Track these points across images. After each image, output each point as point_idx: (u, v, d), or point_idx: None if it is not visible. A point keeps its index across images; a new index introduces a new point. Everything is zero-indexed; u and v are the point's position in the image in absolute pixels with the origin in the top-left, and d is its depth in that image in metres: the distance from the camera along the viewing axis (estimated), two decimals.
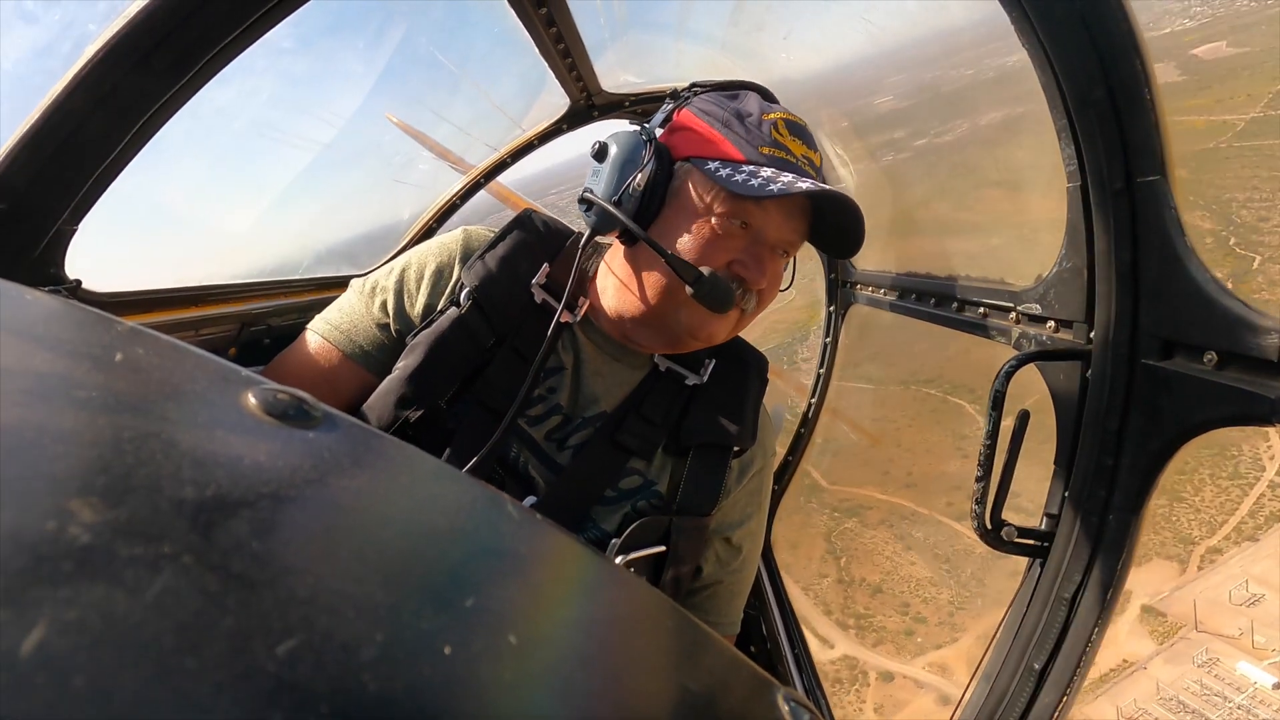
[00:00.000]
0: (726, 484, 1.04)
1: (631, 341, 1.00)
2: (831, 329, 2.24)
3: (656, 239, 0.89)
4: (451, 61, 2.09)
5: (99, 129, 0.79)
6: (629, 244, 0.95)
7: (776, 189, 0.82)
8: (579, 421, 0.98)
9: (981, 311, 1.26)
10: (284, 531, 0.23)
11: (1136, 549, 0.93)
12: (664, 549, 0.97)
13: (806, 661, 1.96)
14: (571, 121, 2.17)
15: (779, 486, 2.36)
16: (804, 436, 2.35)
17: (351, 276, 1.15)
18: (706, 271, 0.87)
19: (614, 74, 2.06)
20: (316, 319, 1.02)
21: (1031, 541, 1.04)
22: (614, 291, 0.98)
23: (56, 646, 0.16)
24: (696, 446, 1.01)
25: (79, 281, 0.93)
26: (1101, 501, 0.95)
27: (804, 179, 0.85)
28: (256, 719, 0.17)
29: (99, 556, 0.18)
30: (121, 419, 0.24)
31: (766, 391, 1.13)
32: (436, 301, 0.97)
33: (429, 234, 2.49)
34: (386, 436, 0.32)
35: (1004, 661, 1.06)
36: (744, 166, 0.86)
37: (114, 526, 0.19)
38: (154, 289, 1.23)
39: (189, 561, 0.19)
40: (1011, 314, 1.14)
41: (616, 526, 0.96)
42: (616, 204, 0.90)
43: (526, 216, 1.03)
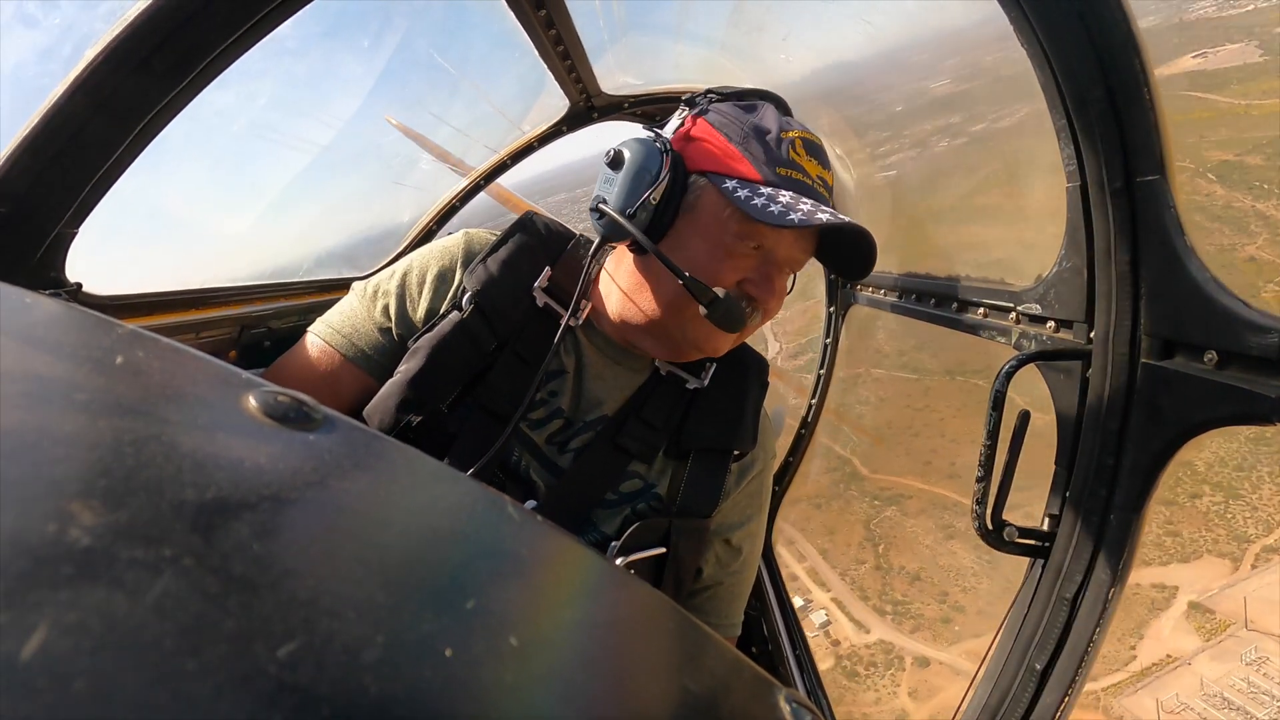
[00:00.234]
0: (726, 486, 1.04)
1: (633, 346, 1.00)
2: (831, 329, 2.24)
3: (668, 251, 0.89)
4: (451, 64, 2.09)
5: (99, 132, 0.79)
6: (638, 253, 0.94)
7: (797, 219, 0.81)
8: (580, 425, 0.98)
9: (981, 312, 1.26)
10: (285, 534, 0.23)
11: (1138, 549, 0.93)
12: (664, 550, 0.97)
13: (808, 662, 1.95)
14: (571, 123, 2.17)
15: (779, 488, 2.36)
16: (804, 437, 2.35)
17: (352, 279, 1.15)
18: (721, 294, 0.87)
19: (613, 76, 2.06)
20: (318, 322, 1.02)
21: (1032, 541, 1.04)
22: (619, 298, 0.98)
23: (57, 649, 0.16)
24: (697, 450, 1.01)
25: (80, 285, 0.93)
26: (1102, 501, 0.95)
27: (822, 206, 0.85)
28: None
29: (100, 559, 0.18)
30: (122, 422, 0.24)
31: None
32: (439, 305, 0.97)
33: (429, 236, 2.49)
34: (386, 438, 0.32)
35: (1005, 662, 1.06)
36: (762, 189, 0.85)
37: (115, 529, 0.19)
38: (154, 292, 1.23)
39: (190, 564, 0.19)
40: (1011, 314, 1.14)
41: (617, 529, 0.96)
42: (630, 215, 0.89)
43: (528, 219, 1.03)
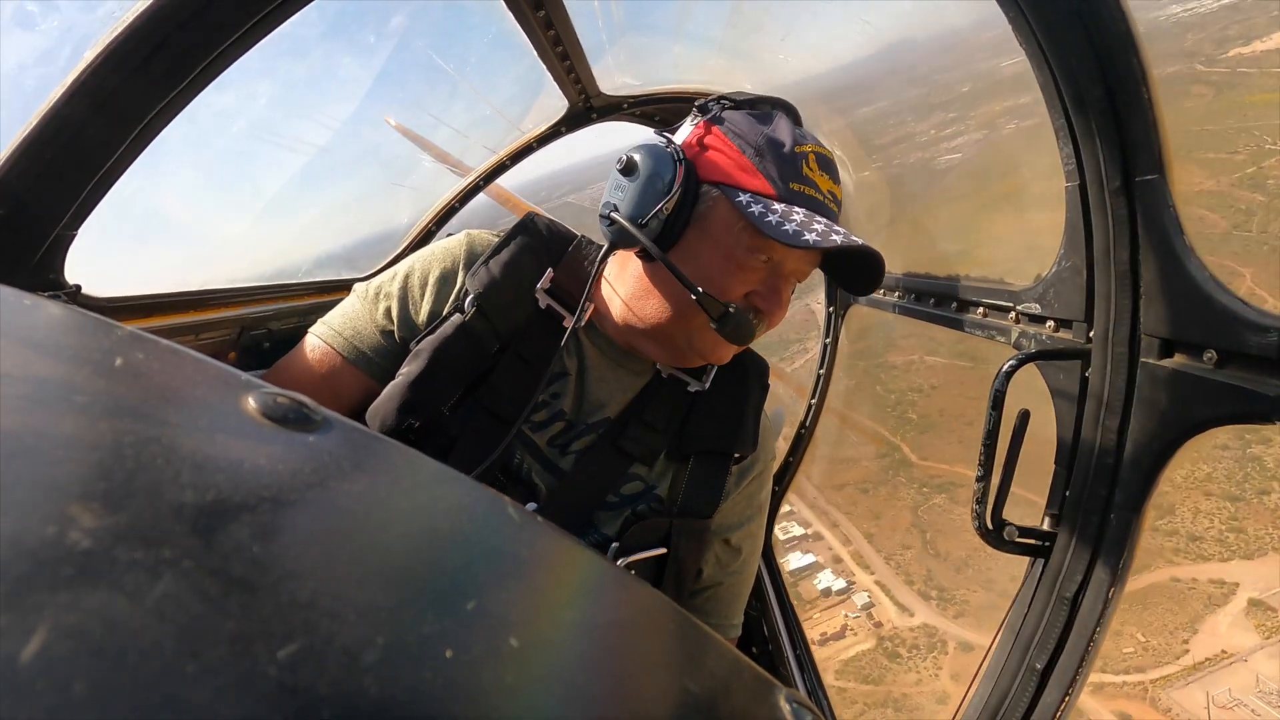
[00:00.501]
0: (727, 488, 1.04)
1: (635, 349, 1.00)
2: (831, 330, 2.24)
3: (677, 260, 0.89)
4: (449, 64, 2.09)
5: (98, 134, 0.79)
6: (646, 259, 0.94)
7: (811, 240, 0.82)
8: (583, 427, 0.98)
9: (981, 311, 1.26)
10: (285, 536, 0.23)
11: (1138, 548, 0.93)
12: (664, 551, 0.97)
13: (808, 662, 1.95)
14: (570, 124, 2.17)
15: (779, 488, 2.36)
16: (804, 437, 2.35)
17: (352, 280, 1.14)
18: (732, 308, 0.87)
19: (612, 76, 2.06)
20: (318, 323, 1.01)
21: (1033, 541, 1.04)
22: (624, 302, 0.98)
23: (57, 652, 0.16)
24: (698, 452, 1.01)
25: (79, 286, 0.93)
26: (1102, 501, 0.95)
27: (835, 226, 0.86)
28: None
29: (100, 561, 0.18)
30: (121, 424, 0.24)
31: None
32: (441, 308, 0.97)
33: (428, 237, 2.49)
34: (386, 439, 0.32)
35: (1006, 661, 1.06)
36: (775, 205, 0.85)
37: (114, 531, 0.19)
38: (153, 293, 1.22)
39: (189, 566, 0.19)
40: (1011, 314, 1.14)
41: (618, 531, 0.96)
42: (642, 225, 0.89)
43: (530, 220, 1.03)
